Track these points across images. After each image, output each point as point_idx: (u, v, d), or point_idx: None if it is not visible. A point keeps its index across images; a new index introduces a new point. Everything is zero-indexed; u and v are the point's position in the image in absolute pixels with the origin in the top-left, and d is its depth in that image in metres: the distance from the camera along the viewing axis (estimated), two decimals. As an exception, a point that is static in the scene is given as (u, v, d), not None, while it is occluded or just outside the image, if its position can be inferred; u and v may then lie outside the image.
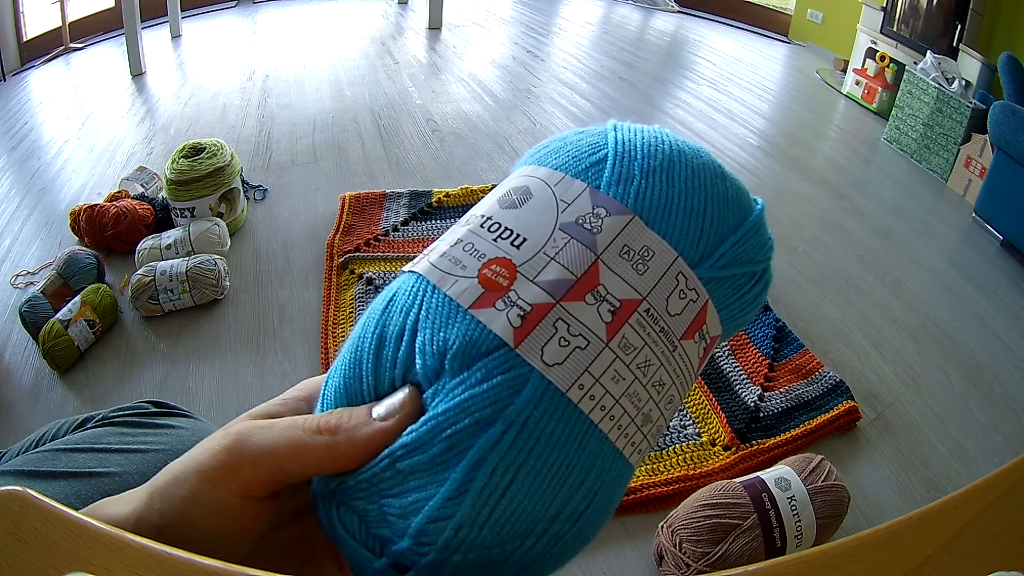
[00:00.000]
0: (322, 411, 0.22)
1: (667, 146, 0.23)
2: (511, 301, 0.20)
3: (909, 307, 1.27)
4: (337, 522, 0.20)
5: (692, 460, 0.90)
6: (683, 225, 0.22)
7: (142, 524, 0.22)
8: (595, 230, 0.21)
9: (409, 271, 0.22)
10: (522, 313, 0.19)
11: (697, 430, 0.94)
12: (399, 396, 0.20)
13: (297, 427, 0.21)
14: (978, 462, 0.94)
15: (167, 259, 1.17)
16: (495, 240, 0.21)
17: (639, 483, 0.85)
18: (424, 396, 0.20)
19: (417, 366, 0.20)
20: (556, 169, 0.23)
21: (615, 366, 0.20)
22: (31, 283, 1.21)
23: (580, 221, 0.21)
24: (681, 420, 0.95)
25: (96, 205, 1.28)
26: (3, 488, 0.20)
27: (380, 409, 0.20)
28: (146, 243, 1.22)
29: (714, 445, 0.92)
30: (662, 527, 0.76)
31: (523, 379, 0.19)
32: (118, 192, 1.40)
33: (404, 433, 0.19)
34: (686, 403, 0.98)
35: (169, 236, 1.23)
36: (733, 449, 0.91)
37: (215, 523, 0.22)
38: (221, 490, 0.21)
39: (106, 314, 1.08)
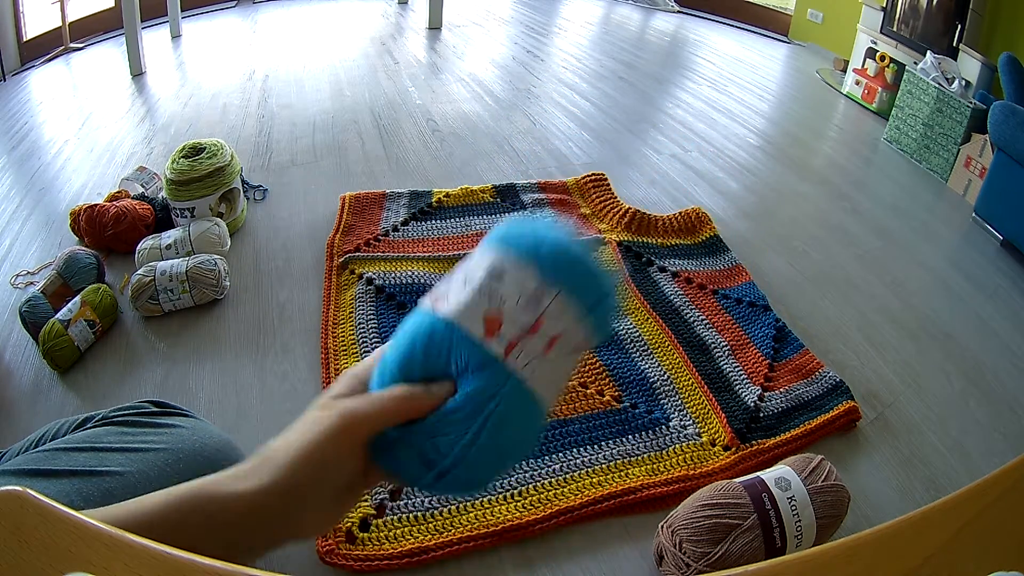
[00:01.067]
0: (381, 383, 0.38)
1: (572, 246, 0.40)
2: (501, 336, 0.36)
3: (909, 307, 1.27)
4: (400, 452, 0.37)
5: (692, 460, 0.90)
6: (581, 294, 0.38)
7: (270, 494, 0.32)
8: (541, 298, 0.37)
9: (442, 317, 0.38)
10: (506, 343, 0.36)
11: (697, 430, 0.94)
12: (445, 384, 0.37)
13: (390, 396, 0.37)
14: (978, 462, 0.93)
15: (167, 259, 1.17)
16: (489, 300, 0.37)
17: (639, 483, 0.85)
18: (457, 383, 0.37)
19: (452, 367, 0.37)
20: (519, 255, 0.38)
21: (549, 368, 0.38)
22: (31, 283, 1.21)
23: (535, 292, 0.37)
24: (681, 420, 0.95)
25: (96, 205, 1.28)
26: (3, 488, 0.20)
27: (435, 388, 0.37)
28: (146, 243, 1.22)
29: (714, 445, 0.92)
30: (662, 527, 0.76)
31: (507, 377, 0.37)
32: (118, 192, 1.40)
33: (448, 403, 0.37)
34: (686, 403, 0.98)
35: (169, 236, 1.23)
36: (733, 449, 0.91)
37: (334, 476, 0.35)
38: (345, 447, 0.35)
39: (106, 314, 1.08)
